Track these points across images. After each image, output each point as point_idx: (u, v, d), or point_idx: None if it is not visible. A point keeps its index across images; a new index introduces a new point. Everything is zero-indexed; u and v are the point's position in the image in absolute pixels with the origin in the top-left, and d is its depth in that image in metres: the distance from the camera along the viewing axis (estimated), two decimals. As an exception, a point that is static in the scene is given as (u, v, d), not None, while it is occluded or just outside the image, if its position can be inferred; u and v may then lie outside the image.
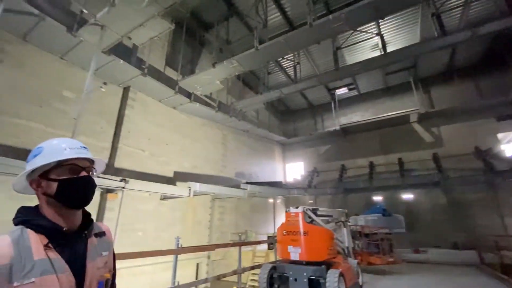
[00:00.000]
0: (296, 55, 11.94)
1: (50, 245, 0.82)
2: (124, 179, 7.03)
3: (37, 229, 0.83)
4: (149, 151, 9.04)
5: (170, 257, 8.21)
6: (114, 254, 1.08)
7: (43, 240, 0.82)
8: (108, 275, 0.96)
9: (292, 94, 12.98)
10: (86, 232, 0.95)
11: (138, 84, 8.68)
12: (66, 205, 0.90)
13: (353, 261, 5.95)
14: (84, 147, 1.01)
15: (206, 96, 10.88)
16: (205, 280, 3.64)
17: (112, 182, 6.76)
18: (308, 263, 4.76)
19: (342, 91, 16.46)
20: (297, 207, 5.18)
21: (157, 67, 9.59)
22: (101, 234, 1.04)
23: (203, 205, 10.84)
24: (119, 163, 8.04)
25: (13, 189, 0.98)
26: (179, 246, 3.32)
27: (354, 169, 15.86)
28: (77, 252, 0.89)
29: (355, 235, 8.36)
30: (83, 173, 0.95)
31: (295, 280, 4.55)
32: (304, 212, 5.14)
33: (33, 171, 0.90)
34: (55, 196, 0.88)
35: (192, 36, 11.17)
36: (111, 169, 7.80)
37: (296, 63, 11.77)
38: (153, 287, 7.90)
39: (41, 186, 0.89)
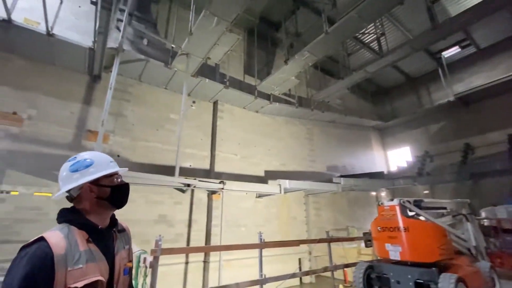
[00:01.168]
0: (378, 25, 10.40)
1: (90, 239, 1.08)
2: (222, 181, 8.01)
3: (81, 226, 1.11)
4: (240, 154, 9.94)
5: (272, 251, 8.73)
6: (130, 247, 1.32)
7: (84, 235, 1.08)
8: (130, 264, 1.18)
9: (382, 70, 11.36)
10: (114, 229, 1.20)
11: (223, 97, 9.72)
12: (116, 205, 1.16)
13: (484, 264, 4.61)
14: (114, 160, 1.27)
15: (285, 94, 11.00)
16: (292, 275, 3.71)
17: (213, 184, 7.84)
18: (414, 264, 4.03)
19: (452, 52, 13.14)
20: (391, 199, 4.50)
21: (237, 77, 10.45)
22: (122, 230, 1.28)
23: (297, 201, 10.97)
24: (218, 167, 9.22)
25: (56, 197, 1.21)
26: (262, 241, 3.52)
27: (484, 147, 12.31)
28: (108, 245, 1.13)
29: (489, 231, 6.45)
30: (122, 181, 1.20)
31: (398, 282, 3.93)
32: (401, 205, 4.39)
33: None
34: (109, 199, 1.14)
35: (264, 39, 11.58)
36: (212, 174, 9.06)
37: (379, 35, 10.27)
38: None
39: (93, 191, 1.16)
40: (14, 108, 6.57)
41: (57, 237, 1.01)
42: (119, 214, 4.94)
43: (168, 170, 7.50)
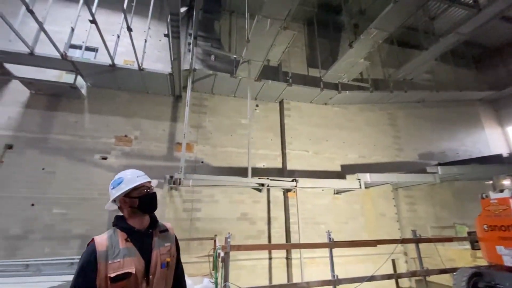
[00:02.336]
0: (471, -27, 8.27)
1: (128, 239, 1.31)
2: (295, 179, 8.02)
3: (121, 229, 1.35)
4: (312, 150, 9.70)
5: (360, 250, 8.19)
6: (177, 244, 1.49)
7: (124, 236, 1.32)
8: (169, 259, 1.35)
9: (485, 27, 8.99)
10: (151, 230, 1.40)
11: (288, 95, 9.73)
12: (144, 211, 1.39)
13: None
14: (144, 174, 1.49)
15: (355, 80, 10.10)
16: (371, 278, 3.34)
17: (286, 183, 7.96)
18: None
19: None
20: (501, 191, 3.48)
21: (301, 72, 10.25)
22: (165, 231, 1.48)
23: (384, 196, 9.86)
24: (290, 165, 9.28)
25: (106, 208, 1.53)
26: (331, 240, 3.35)
27: None
28: (145, 243, 1.34)
29: None
30: (150, 190, 1.42)
31: (519, 296, 2.99)
32: (519, 197, 3.33)
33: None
34: (139, 207, 1.38)
35: (325, 27, 10.96)
36: (285, 172, 9.19)
37: (474, -16, 8.15)
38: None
39: (127, 202, 1.41)
40: (125, 132, 8.43)
41: (102, 238, 1.29)
42: (207, 213, 5.71)
43: (244, 172, 8.03)
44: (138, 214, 1.37)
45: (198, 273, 5.44)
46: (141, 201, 1.36)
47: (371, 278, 3.32)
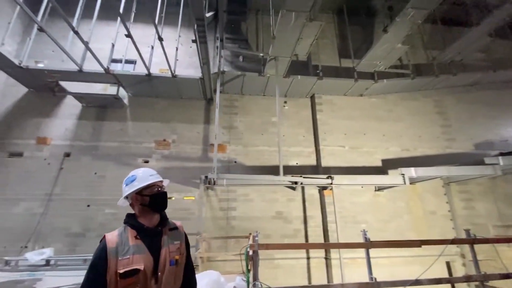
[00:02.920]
0: None
1: (137, 236, 1.33)
2: (330, 176, 7.69)
3: (132, 226, 1.38)
4: (348, 145, 9.22)
5: (407, 251, 7.58)
6: (187, 242, 1.48)
7: (134, 233, 1.35)
8: (178, 257, 1.35)
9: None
10: (160, 228, 1.41)
11: (319, 89, 9.38)
12: (155, 209, 1.40)
13: None
14: (156, 173, 1.50)
15: (394, 66, 9.34)
16: (415, 282, 2.97)
17: (320, 180, 7.68)
18: None
19: None
20: None
21: (332, 65, 9.81)
22: (175, 229, 1.47)
23: (433, 192, 8.95)
24: (325, 162, 8.93)
25: (118, 204, 1.56)
26: (367, 239, 3.09)
27: None
28: (154, 241, 1.35)
29: None
30: (161, 189, 1.43)
31: None
32: None
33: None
34: (149, 205, 1.40)
35: (357, 14, 10.32)
36: (320, 169, 8.87)
37: None
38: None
39: (138, 200, 1.44)
40: (163, 136, 8.96)
41: (112, 235, 1.34)
42: (242, 212, 5.78)
43: (277, 170, 7.95)
44: (148, 212, 1.41)
45: (235, 270, 5.54)
46: (152, 199, 1.40)
47: (416, 282, 2.99)
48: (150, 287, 1.25)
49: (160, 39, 6.75)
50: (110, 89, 8.41)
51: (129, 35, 6.46)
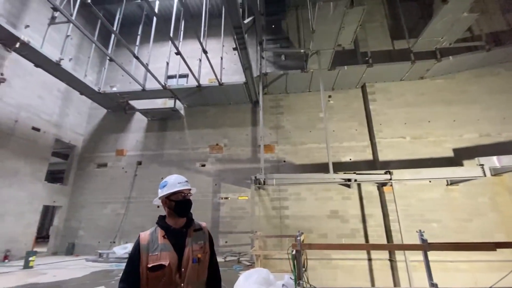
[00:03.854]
0: None
1: (165, 236, 1.48)
2: (389, 171, 7.05)
3: (161, 227, 1.54)
4: (409, 136, 8.28)
5: (494, 255, 6.49)
6: (211, 241, 1.58)
7: (162, 233, 1.50)
8: (200, 255, 1.46)
9: None
10: (185, 229, 1.54)
11: (370, 77, 8.68)
12: (178, 214, 1.55)
13: None
14: (186, 181, 1.65)
15: (460, 40, 8.01)
16: None
17: (377, 176, 7.10)
18: None
19: None
20: None
21: (384, 49, 8.97)
22: (199, 229, 1.59)
23: (530, 184, 7.32)
24: (382, 156, 8.22)
25: (153, 203, 1.74)
26: (424, 241, 2.72)
27: None
28: (179, 240, 1.48)
29: None
30: (186, 197, 1.58)
31: None
32: None
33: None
34: (174, 210, 1.55)
35: (410, -13, 9.18)
36: (377, 164, 8.20)
37: None
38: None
39: (166, 203, 1.60)
40: (216, 141, 9.60)
41: (145, 234, 1.53)
42: (295, 211, 5.77)
43: (328, 167, 7.69)
44: (173, 215, 1.58)
45: (288, 269, 5.57)
46: (176, 205, 1.56)
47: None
48: (174, 280, 1.42)
49: (205, 52, 7.27)
50: (168, 103, 9.43)
51: (178, 53, 7.15)
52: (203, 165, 9.37)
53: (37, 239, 9.64)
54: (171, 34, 8.18)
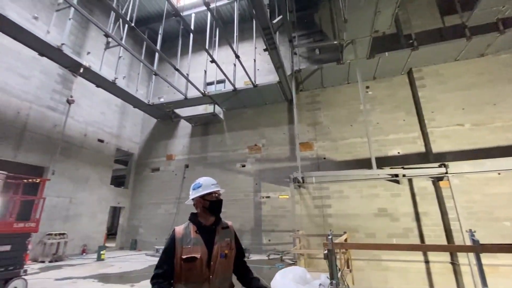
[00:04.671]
0: None
1: (197, 231, 1.62)
2: (444, 164, 6.33)
3: (193, 223, 1.67)
4: (469, 122, 7.28)
5: None
6: (237, 238, 1.70)
7: (194, 228, 1.64)
8: (227, 251, 1.58)
9: None
10: (214, 226, 1.66)
11: (417, 61, 7.88)
12: (211, 213, 1.68)
13: None
14: (216, 182, 1.78)
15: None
16: None
17: (430, 170, 6.44)
18: None
19: None
20: None
21: (432, 27, 8.04)
22: (226, 227, 1.69)
23: None
24: (436, 147, 7.40)
25: (187, 203, 1.89)
26: (476, 242, 2.35)
27: None
28: (209, 236, 1.61)
29: None
30: (218, 197, 1.71)
31: None
32: None
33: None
34: (208, 208, 1.68)
35: (461, -47, 8.03)
36: (431, 156, 7.41)
37: None
38: None
39: (200, 202, 1.73)
40: (254, 141, 9.80)
41: (180, 228, 1.70)
42: (338, 209, 5.64)
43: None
44: (206, 213, 1.74)
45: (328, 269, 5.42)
46: (211, 204, 1.71)
47: None
48: (204, 272, 1.57)
49: (237, 57, 7.51)
50: (209, 108, 9.98)
51: (213, 61, 7.53)
52: (243, 166, 9.66)
53: (108, 236, 11.16)
54: (207, 46, 8.66)
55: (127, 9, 8.61)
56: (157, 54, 9.89)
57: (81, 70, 7.45)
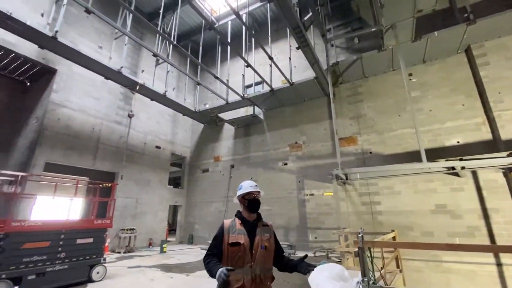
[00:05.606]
0: None
1: (241, 224, 1.88)
2: (514, 153, 5.45)
3: (238, 218, 1.94)
4: (551, 100, 6.09)
5: None
6: (276, 236, 1.99)
7: (239, 222, 1.90)
8: (267, 244, 1.83)
9: None
10: (256, 222, 1.91)
11: (476, 36, 6.90)
12: (250, 210, 1.94)
13: None
14: (256, 185, 2.01)
15: None
16: None
17: (495, 160, 5.61)
18: None
19: None
20: None
21: (494, -6, 6.91)
22: (266, 225, 1.93)
23: None
24: (505, 134, 6.39)
25: (234, 201, 2.16)
26: None
27: None
28: (251, 229, 1.86)
29: None
30: (255, 197, 1.96)
31: None
32: None
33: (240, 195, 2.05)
34: (247, 206, 1.95)
35: None
36: (499, 144, 6.43)
37: None
38: None
39: (241, 201, 2.00)
40: (295, 139, 9.83)
41: (227, 220, 1.99)
42: (389, 206, 5.48)
43: (427, 154, 6.60)
44: (247, 211, 2.03)
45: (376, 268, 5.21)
46: (249, 203, 2.00)
47: None
48: (247, 258, 1.86)
49: (270, 58, 7.67)
50: (249, 110, 10.38)
51: (248, 65, 7.85)
52: (285, 164, 9.78)
53: (170, 231, 12.55)
54: (244, 50, 9.03)
55: (171, 27, 9.54)
56: (199, 68, 10.70)
57: (137, 88, 8.57)
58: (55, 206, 7.46)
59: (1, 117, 8.31)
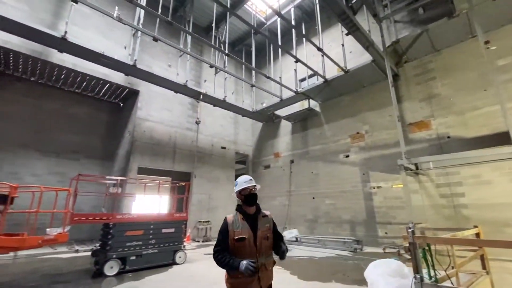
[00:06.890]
0: None
1: (243, 218, 2.06)
2: None
3: (240, 212, 2.12)
4: None
5: None
6: (274, 224, 2.12)
7: (241, 216, 2.08)
8: (269, 234, 1.95)
9: None
10: (256, 214, 2.06)
11: None
12: (247, 204, 2.11)
13: None
14: (251, 179, 2.18)
15: None
16: None
17: None
18: None
19: None
20: None
21: None
22: (265, 216, 2.05)
23: None
24: None
25: (232, 196, 2.34)
26: None
27: None
28: (253, 223, 2.02)
29: None
30: (251, 191, 2.13)
31: None
32: None
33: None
34: (244, 201, 2.13)
35: None
36: None
37: None
38: None
39: (240, 196, 2.19)
40: (356, 129, 9.27)
41: (230, 216, 2.20)
42: (475, 198, 4.99)
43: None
44: (246, 205, 2.21)
45: (466, 266, 4.60)
46: (245, 197, 2.19)
47: None
48: (252, 250, 2.05)
49: (320, 49, 7.48)
50: (304, 104, 10.32)
51: (297, 61, 7.84)
52: (347, 156, 9.35)
53: (240, 224, 13.56)
54: (294, 43, 9.05)
55: (225, 36, 10.30)
56: (253, 65, 11.18)
57: (201, 97, 9.63)
58: (147, 203, 9.20)
59: (106, 134, 10.63)
